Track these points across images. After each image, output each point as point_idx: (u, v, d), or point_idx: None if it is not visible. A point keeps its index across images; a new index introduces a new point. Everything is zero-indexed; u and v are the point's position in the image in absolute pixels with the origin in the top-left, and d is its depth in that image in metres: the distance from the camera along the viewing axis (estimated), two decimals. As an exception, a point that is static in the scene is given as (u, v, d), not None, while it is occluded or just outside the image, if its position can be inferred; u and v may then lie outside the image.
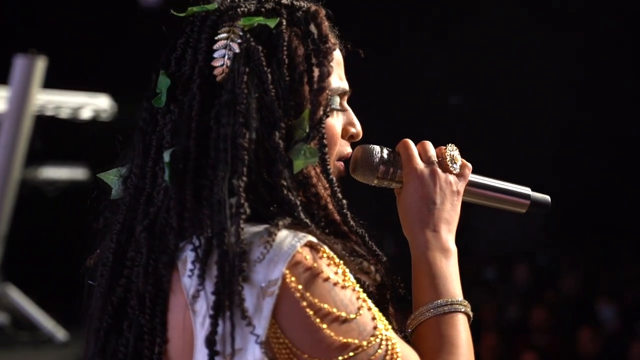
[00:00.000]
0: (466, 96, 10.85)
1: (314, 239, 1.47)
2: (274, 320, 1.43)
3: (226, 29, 1.57)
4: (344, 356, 1.44)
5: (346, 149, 1.68)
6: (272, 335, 1.43)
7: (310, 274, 1.44)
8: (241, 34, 1.56)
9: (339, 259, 1.48)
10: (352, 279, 1.48)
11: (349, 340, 1.44)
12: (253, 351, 1.43)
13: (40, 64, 6.47)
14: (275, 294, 1.43)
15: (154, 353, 1.52)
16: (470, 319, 1.62)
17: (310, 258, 1.45)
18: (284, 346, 1.44)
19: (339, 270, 1.47)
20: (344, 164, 1.68)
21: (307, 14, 1.61)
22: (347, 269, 1.49)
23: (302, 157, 1.53)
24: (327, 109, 1.58)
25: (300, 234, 1.47)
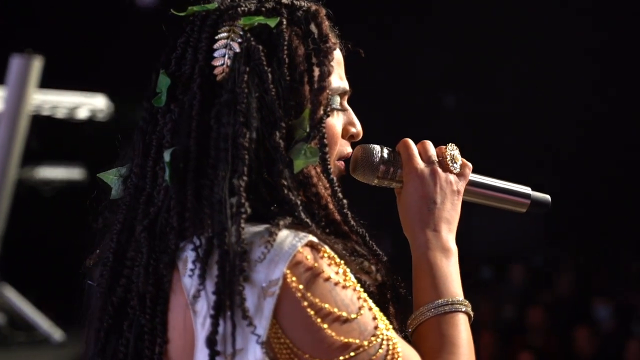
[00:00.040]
0: (466, 96, 10.85)
1: (315, 239, 1.47)
2: (274, 320, 1.43)
3: (226, 28, 1.56)
4: (345, 356, 1.44)
5: (346, 148, 1.67)
6: (273, 335, 1.43)
7: (311, 273, 1.44)
8: (241, 34, 1.56)
9: (340, 259, 1.48)
10: (353, 279, 1.48)
11: (350, 340, 1.44)
12: (254, 351, 1.43)
13: (36, 64, 6.44)
14: (276, 294, 1.42)
15: (154, 353, 1.52)
16: (471, 318, 1.61)
17: (311, 258, 1.45)
18: (284, 346, 1.44)
19: (339, 270, 1.47)
20: (344, 163, 1.68)
21: (308, 13, 1.61)
22: (348, 269, 1.48)
23: (303, 157, 1.53)
24: (328, 109, 1.58)
25: (301, 234, 1.46)
